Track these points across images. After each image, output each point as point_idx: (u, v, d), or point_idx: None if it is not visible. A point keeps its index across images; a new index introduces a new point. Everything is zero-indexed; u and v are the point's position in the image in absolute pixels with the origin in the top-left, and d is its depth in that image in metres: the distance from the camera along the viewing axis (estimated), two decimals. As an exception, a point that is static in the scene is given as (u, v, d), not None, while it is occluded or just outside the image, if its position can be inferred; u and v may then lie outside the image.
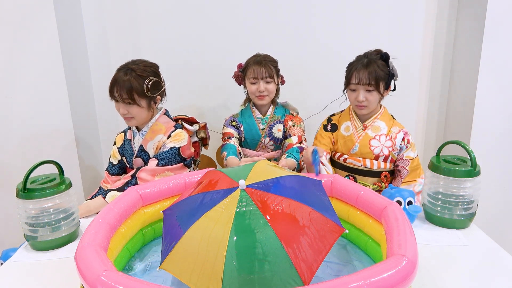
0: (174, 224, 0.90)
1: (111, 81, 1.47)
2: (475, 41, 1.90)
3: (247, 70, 1.68)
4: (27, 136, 1.90)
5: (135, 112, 1.49)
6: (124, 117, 1.52)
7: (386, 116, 1.56)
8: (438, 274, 1.02)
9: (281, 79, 1.77)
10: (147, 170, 1.47)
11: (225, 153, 1.65)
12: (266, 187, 0.90)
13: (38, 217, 1.18)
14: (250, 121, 1.75)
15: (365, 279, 0.69)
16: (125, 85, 1.43)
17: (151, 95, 1.49)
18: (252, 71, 1.65)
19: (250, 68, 1.66)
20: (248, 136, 1.76)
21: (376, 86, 1.45)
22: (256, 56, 1.71)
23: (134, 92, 1.45)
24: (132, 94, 1.44)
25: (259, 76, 1.64)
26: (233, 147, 1.67)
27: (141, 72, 1.47)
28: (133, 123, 1.54)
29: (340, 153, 1.58)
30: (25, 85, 1.84)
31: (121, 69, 1.48)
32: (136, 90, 1.45)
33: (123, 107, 1.48)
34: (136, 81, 1.45)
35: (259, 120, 1.75)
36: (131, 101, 1.45)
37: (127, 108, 1.48)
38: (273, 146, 1.77)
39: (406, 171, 1.52)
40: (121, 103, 1.47)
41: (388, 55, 1.48)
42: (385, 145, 1.52)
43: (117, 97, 1.46)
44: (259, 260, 0.78)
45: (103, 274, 0.72)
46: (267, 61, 1.66)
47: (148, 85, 1.46)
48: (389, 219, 0.93)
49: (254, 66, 1.65)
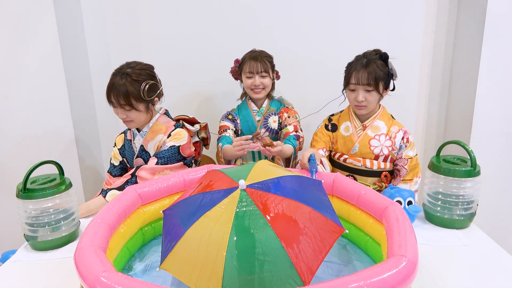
0: (174, 224, 0.90)
1: (108, 86, 1.47)
2: (475, 41, 1.90)
3: (243, 65, 1.76)
4: (27, 136, 1.90)
5: (134, 116, 1.49)
6: (124, 121, 1.52)
7: (385, 116, 1.56)
8: (438, 274, 1.02)
9: (277, 74, 1.83)
10: (147, 168, 1.47)
11: (220, 144, 1.71)
12: (266, 187, 0.90)
13: (38, 217, 1.18)
14: (246, 113, 1.81)
15: (365, 279, 0.69)
16: (121, 90, 1.43)
17: (148, 98, 1.49)
18: (248, 66, 1.72)
19: (246, 63, 1.73)
20: (244, 127, 1.82)
21: (376, 86, 1.45)
22: (252, 52, 1.78)
23: (131, 97, 1.45)
24: (129, 100, 1.45)
25: (255, 70, 1.71)
26: (228, 138, 1.74)
27: (136, 76, 1.46)
28: (133, 126, 1.55)
29: (340, 153, 1.58)
30: (25, 85, 1.84)
31: (117, 73, 1.47)
32: (133, 95, 1.45)
33: (121, 112, 1.48)
34: (132, 86, 1.45)
35: (255, 112, 1.81)
36: (129, 106, 1.46)
37: (125, 113, 1.48)
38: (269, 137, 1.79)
39: (405, 170, 1.52)
40: (119, 108, 1.47)
41: (387, 55, 1.47)
42: (385, 144, 1.52)
43: (114, 102, 1.46)
44: (259, 260, 0.78)
45: (103, 274, 0.72)
46: (262, 56, 1.73)
47: (144, 89, 1.46)
48: (390, 219, 0.93)
49: (250, 61, 1.72)
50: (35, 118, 1.88)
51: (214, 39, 2.11)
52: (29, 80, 1.83)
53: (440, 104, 2.18)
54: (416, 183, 1.53)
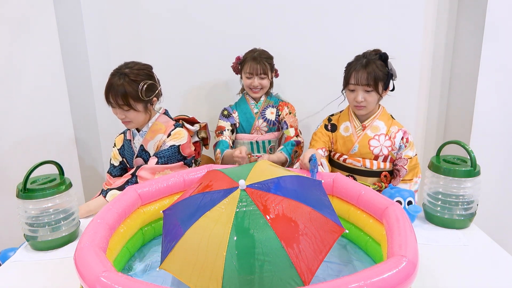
0: (174, 224, 0.90)
1: (106, 86, 1.46)
2: (475, 41, 1.90)
3: (244, 64, 1.81)
4: (27, 136, 1.90)
5: (132, 116, 1.49)
6: (122, 121, 1.53)
7: (385, 116, 1.56)
8: (438, 274, 1.01)
9: (275, 72, 1.90)
10: (147, 168, 1.47)
11: (219, 151, 1.75)
12: (266, 187, 0.90)
13: (38, 217, 1.18)
14: (244, 107, 1.87)
15: (365, 279, 0.69)
16: (119, 91, 1.43)
17: (146, 99, 1.49)
18: (248, 67, 1.77)
19: (247, 64, 1.78)
20: (242, 119, 1.87)
21: (375, 86, 1.44)
22: (253, 51, 1.81)
23: (130, 98, 1.45)
24: (127, 100, 1.44)
25: (254, 72, 1.77)
26: (225, 143, 1.79)
27: (134, 76, 1.46)
28: (132, 126, 1.55)
29: (340, 153, 1.58)
30: (25, 85, 1.84)
31: (115, 74, 1.47)
32: (131, 95, 1.44)
33: (120, 112, 1.48)
34: (130, 86, 1.44)
35: (252, 105, 1.87)
36: (127, 107, 1.46)
37: (124, 113, 1.48)
38: (267, 128, 1.87)
39: (405, 170, 1.52)
40: (117, 108, 1.47)
41: (387, 55, 1.47)
42: (385, 145, 1.52)
43: (113, 103, 1.46)
44: (259, 260, 0.78)
45: (103, 274, 0.72)
46: (262, 57, 1.78)
47: (142, 89, 1.46)
48: (390, 220, 0.93)
49: (250, 62, 1.77)
50: (35, 118, 1.88)
51: (214, 39, 2.11)
52: (29, 80, 1.83)
53: (440, 104, 2.18)
54: (416, 183, 1.52)
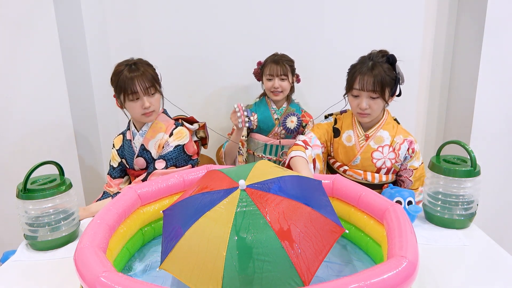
0: (174, 224, 0.90)
1: (122, 81, 1.40)
2: (475, 41, 1.90)
3: (264, 67, 1.85)
4: (27, 136, 1.90)
5: (157, 103, 1.49)
6: (146, 113, 1.47)
7: (389, 124, 1.45)
8: (438, 274, 1.01)
9: (297, 77, 1.91)
10: (159, 173, 1.47)
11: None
12: (266, 187, 0.90)
13: (38, 217, 1.18)
14: (264, 110, 1.90)
15: (365, 280, 0.69)
16: (145, 74, 1.43)
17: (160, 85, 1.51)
18: (268, 69, 1.81)
19: (267, 66, 1.82)
20: (262, 124, 1.89)
21: (381, 93, 1.32)
22: (274, 55, 1.86)
23: (154, 80, 1.46)
24: (153, 82, 1.45)
25: (275, 73, 1.80)
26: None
27: (146, 62, 1.49)
28: (153, 118, 1.52)
29: (340, 163, 1.50)
30: (25, 84, 1.84)
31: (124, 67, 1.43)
32: (154, 77, 1.46)
33: (147, 99, 1.44)
34: (150, 69, 1.46)
35: (273, 110, 1.89)
36: (154, 89, 1.46)
37: (149, 100, 1.45)
38: (284, 135, 1.89)
39: (410, 181, 1.45)
40: (145, 96, 1.44)
41: (395, 58, 1.34)
42: (388, 157, 1.42)
43: (139, 91, 1.41)
44: (259, 260, 0.78)
45: (103, 275, 0.72)
46: (283, 60, 1.82)
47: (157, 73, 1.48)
48: (391, 220, 0.93)
49: (271, 64, 1.81)
50: (35, 118, 1.88)
51: (214, 38, 2.11)
52: (29, 79, 1.83)
53: (440, 104, 2.19)
54: (422, 192, 1.43)
